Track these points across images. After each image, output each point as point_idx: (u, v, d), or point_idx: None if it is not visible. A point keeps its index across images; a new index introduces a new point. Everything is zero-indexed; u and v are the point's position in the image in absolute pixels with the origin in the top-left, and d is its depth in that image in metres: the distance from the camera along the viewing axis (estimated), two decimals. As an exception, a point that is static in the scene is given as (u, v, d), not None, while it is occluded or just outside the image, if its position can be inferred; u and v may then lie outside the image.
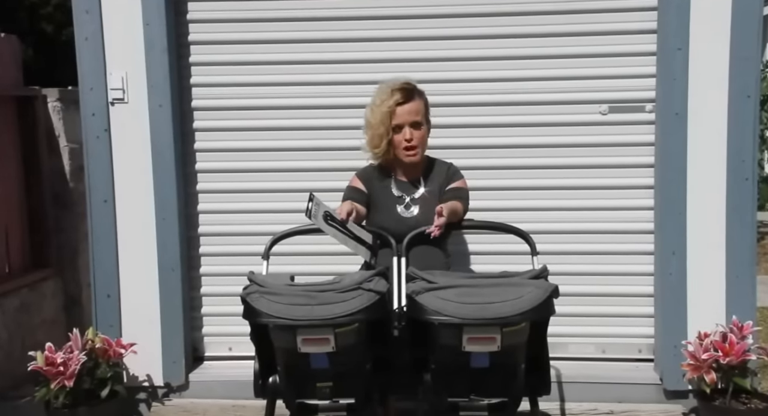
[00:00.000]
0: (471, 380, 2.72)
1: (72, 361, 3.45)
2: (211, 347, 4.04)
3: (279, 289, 2.72)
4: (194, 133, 3.91)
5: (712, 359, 3.35)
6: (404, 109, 3.06)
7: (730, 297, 3.59)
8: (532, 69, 3.75)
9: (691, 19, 3.50)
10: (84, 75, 3.73)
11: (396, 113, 3.05)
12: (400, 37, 3.77)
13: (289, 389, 2.80)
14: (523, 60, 3.75)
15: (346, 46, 3.80)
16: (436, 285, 2.67)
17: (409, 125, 3.07)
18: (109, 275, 3.79)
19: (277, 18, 3.81)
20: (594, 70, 3.72)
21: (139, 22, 3.68)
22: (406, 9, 3.75)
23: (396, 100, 3.05)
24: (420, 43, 3.77)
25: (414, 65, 3.69)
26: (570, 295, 3.47)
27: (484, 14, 3.73)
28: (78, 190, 4.48)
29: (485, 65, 3.76)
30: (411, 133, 3.07)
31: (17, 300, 4.28)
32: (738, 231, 3.56)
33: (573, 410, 3.68)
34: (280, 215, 3.77)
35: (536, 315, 2.62)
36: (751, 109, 3.52)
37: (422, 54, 3.76)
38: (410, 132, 3.07)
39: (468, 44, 3.76)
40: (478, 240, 3.79)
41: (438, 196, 3.16)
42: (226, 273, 3.90)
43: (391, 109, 3.05)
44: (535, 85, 3.75)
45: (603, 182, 3.78)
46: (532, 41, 3.73)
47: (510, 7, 3.72)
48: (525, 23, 3.72)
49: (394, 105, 3.05)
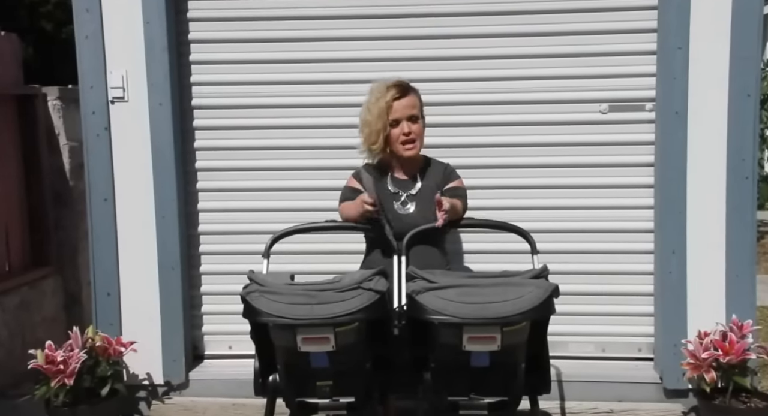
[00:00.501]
0: (471, 379, 2.71)
1: (72, 359, 3.45)
2: (211, 345, 4.04)
3: (279, 288, 2.72)
4: (194, 132, 3.91)
5: (712, 358, 3.35)
6: (401, 103, 3.09)
7: (730, 296, 3.59)
8: (532, 68, 3.75)
9: (691, 18, 3.50)
10: (84, 73, 3.73)
11: (393, 108, 3.08)
12: (400, 35, 3.77)
13: (289, 387, 2.80)
14: (523, 59, 3.75)
15: (345, 44, 3.80)
16: (436, 285, 2.67)
17: (407, 119, 3.10)
18: (109, 273, 3.80)
19: (276, 16, 3.81)
20: (594, 69, 3.72)
21: (139, 20, 3.67)
22: (404, 8, 3.75)
23: (393, 95, 3.08)
24: (419, 42, 3.77)
25: (412, 64, 3.69)
26: (570, 294, 3.49)
27: (483, 13, 3.72)
28: (78, 188, 4.49)
29: (484, 64, 3.76)
30: (409, 126, 3.10)
31: (17, 298, 4.29)
32: (738, 230, 3.56)
33: (573, 409, 3.68)
34: (280, 213, 3.78)
35: (536, 315, 2.62)
36: (751, 108, 3.52)
37: (421, 53, 3.76)
38: (408, 125, 3.10)
39: (467, 43, 3.75)
40: (478, 239, 3.80)
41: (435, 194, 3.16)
42: (226, 271, 3.89)
43: (389, 104, 3.08)
44: (535, 84, 3.75)
45: (603, 181, 3.78)
46: (532, 40, 3.72)
47: (509, 5, 3.71)
48: (525, 22, 3.72)
49: (391, 100, 3.08)
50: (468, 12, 3.73)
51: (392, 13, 3.76)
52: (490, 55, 3.76)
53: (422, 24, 3.75)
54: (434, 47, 3.77)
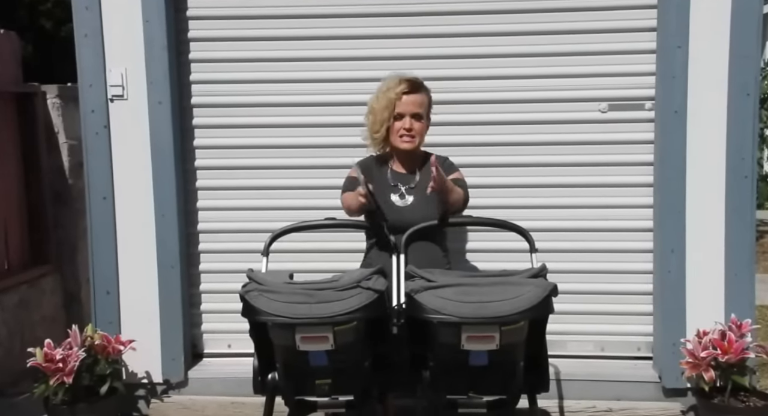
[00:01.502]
0: (470, 377, 2.71)
1: (71, 358, 3.45)
2: (211, 344, 4.04)
3: (278, 287, 2.72)
4: (194, 130, 3.91)
5: (711, 357, 3.35)
6: (409, 98, 3.11)
7: (729, 295, 3.59)
8: (532, 66, 3.74)
9: (690, 17, 3.50)
10: (83, 71, 3.73)
11: (401, 101, 3.11)
12: (400, 34, 3.77)
13: (288, 386, 2.80)
14: (523, 57, 3.75)
15: (346, 43, 3.80)
16: (435, 284, 2.67)
17: (411, 115, 3.12)
18: (109, 272, 3.79)
19: (276, 15, 3.81)
20: (594, 68, 3.72)
21: (138, 18, 3.67)
22: (405, 6, 3.75)
23: (403, 89, 3.11)
24: (419, 41, 3.77)
25: (413, 62, 3.68)
26: (569, 293, 3.49)
27: (482, 11, 3.72)
28: (77, 186, 4.49)
29: (484, 63, 3.76)
30: (411, 123, 3.12)
31: (16, 296, 4.29)
32: (737, 229, 3.56)
33: (572, 407, 3.68)
34: (279, 212, 3.78)
35: (535, 314, 2.62)
36: (750, 107, 3.52)
37: (421, 51, 3.75)
38: (410, 121, 3.12)
39: (467, 42, 3.75)
40: (477, 237, 3.80)
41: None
42: (226, 270, 3.90)
43: (397, 96, 3.10)
44: (535, 83, 3.75)
45: (602, 180, 3.78)
46: (532, 39, 3.72)
47: (510, 4, 3.71)
48: (525, 20, 3.72)
49: (401, 93, 3.10)
50: (467, 10, 3.73)
51: (391, 11, 3.76)
52: (490, 54, 3.76)
53: (421, 22, 3.75)
54: (433, 46, 3.76)
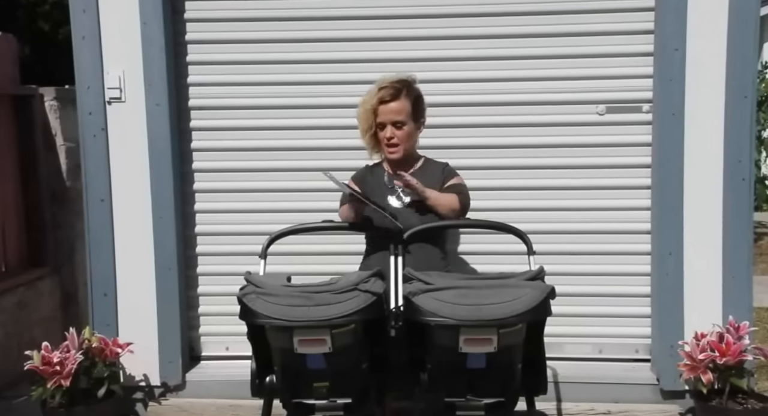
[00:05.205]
0: (468, 380, 2.71)
1: (68, 361, 3.44)
2: (208, 346, 4.04)
3: (275, 290, 2.72)
4: (191, 132, 3.90)
5: (709, 359, 3.36)
6: (387, 108, 3.11)
7: (727, 297, 3.59)
8: (529, 69, 3.75)
9: (688, 19, 3.50)
10: (81, 73, 3.73)
11: (378, 112, 3.11)
12: (397, 36, 3.77)
13: (286, 388, 2.80)
14: (520, 60, 3.75)
15: (342, 45, 3.80)
16: (432, 287, 2.67)
17: (391, 124, 3.11)
18: (106, 274, 3.79)
19: (274, 17, 3.81)
20: (591, 71, 3.73)
21: (136, 20, 3.67)
22: (402, 9, 3.75)
23: (379, 99, 3.10)
24: (416, 43, 3.77)
25: (412, 65, 3.67)
26: (567, 295, 3.49)
27: (481, 14, 3.73)
28: (75, 188, 4.48)
29: (482, 65, 3.76)
30: (392, 132, 3.12)
31: (14, 298, 4.28)
32: (735, 231, 3.57)
33: (570, 410, 3.69)
34: (277, 215, 3.78)
35: (533, 317, 2.61)
36: (747, 110, 3.52)
37: (419, 54, 3.75)
38: (391, 131, 3.12)
39: (464, 44, 3.75)
40: (475, 239, 3.80)
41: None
42: (223, 272, 3.89)
43: (374, 107, 3.11)
44: (532, 85, 3.75)
45: (600, 182, 3.78)
46: (529, 41, 3.73)
47: (507, 7, 3.72)
48: (522, 23, 3.72)
49: (377, 104, 3.10)
50: (465, 13, 3.73)
51: (390, 14, 3.76)
52: (487, 57, 3.76)
53: (419, 25, 3.75)
54: (431, 48, 3.76)
